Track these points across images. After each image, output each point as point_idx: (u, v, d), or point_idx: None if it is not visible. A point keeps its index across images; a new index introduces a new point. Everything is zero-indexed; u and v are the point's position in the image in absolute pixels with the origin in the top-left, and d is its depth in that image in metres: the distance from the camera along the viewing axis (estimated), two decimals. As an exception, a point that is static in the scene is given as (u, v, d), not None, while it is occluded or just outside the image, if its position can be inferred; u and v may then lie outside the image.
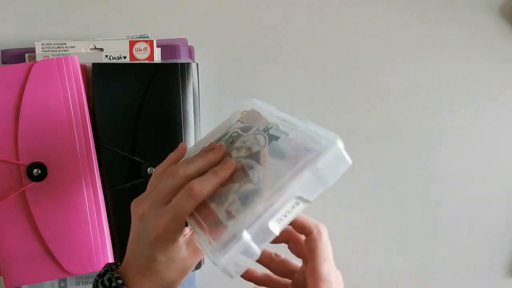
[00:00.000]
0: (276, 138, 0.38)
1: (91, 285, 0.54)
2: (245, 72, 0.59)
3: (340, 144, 0.35)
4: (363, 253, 0.59)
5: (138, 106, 0.52)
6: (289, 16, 0.59)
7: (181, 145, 0.43)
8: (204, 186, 0.37)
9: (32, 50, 0.53)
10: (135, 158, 0.52)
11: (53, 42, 0.53)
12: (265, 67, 0.59)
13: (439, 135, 0.60)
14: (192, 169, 0.39)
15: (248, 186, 0.36)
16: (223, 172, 0.38)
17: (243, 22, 0.59)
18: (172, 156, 0.42)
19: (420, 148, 0.60)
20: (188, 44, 0.56)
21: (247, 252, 0.33)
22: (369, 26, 0.60)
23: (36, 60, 0.52)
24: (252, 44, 0.59)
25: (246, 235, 0.33)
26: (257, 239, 0.33)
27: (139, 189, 0.52)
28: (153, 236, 0.38)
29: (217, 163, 0.39)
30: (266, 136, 0.40)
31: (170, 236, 0.38)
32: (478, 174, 0.60)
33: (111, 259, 0.52)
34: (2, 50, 0.54)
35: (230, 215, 0.34)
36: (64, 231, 0.50)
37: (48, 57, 0.53)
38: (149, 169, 0.51)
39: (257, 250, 0.33)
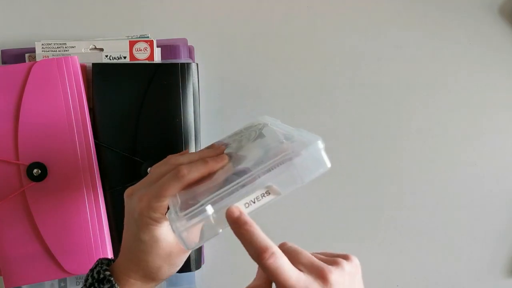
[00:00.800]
0: (264, 136, 0.41)
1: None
2: (245, 72, 0.59)
3: (320, 145, 0.35)
4: (363, 253, 0.59)
5: (138, 106, 0.52)
6: (289, 16, 0.59)
7: (185, 150, 0.44)
8: (191, 170, 0.38)
9: (32, 50, 0.53)
10: (135, 158, 0.52)
11: (53, 42, 0.53)
12: (265, 67, 0.59)
13: (439, 135, 0.60)
14: (184, 159, 0.41)
15: (229, 172, 0.37)
16: (213, 163, 0.39)
17: (243, 22, 0.59)
18: (172, 155, 0.43)
19: (420, 148, 0.60)
20: (188, 44, 0.56)
21: (206, 225, 0.35)
22: (369, 26, 0.60)
23: (36, 60, 0.52)
24: (252, 44, 0.59)
25: (210, 209, 0.34)
26: (220, 217, 0.35)
27: (139, 189, 0.52)
28: (137, 212, 0.39)
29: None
30: (257, 131, 0.42)
31: (151, 213, 0.38)
32: (478, 174, 0.60)
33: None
34: (2, 50, 0.54)
35: (203, 195, 0.36)
36: (64, 231, 0.50)
37: (48, 57, 0.53)
38: (149, 169, 0.51)
39: (217, 226, 0.35)
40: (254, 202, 0.35)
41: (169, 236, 0.40)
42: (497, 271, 0.60)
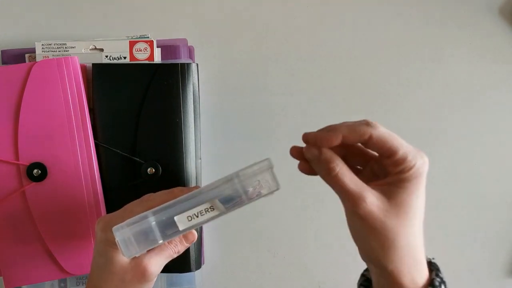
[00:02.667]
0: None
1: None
2: (245, 72, 0.59)
3: (267, 164, 0.37)
4: (363, 253, 0.59)
5: (138, 106, 0.52)
6: (289, 16, 0.59)
7: None
8: (155, 198, 0.40)
9: (32, 51, 0.53)
10: (135, 158, 0.52)
11: (53, 43, 0.53)
12: (265, 67, 0.59)
13: (439, 135, 0.60)
14: (157, 193, 0.42)
15: None
16: (178, 192, 0.40)
17: (243, 22, 0.59)
18: None
19: (420, 148, 0.60)
20: (188, 44, 0.56)
21: (147, 233, 0.36)
22: (370, 26, 0.60)
23: (36, 60, 0.52)
24: (252, 44, 0.59)
25: (151, 219, 0.36)
26: (162, 227, 0.36)
27: (139, 189, 0.52)
28: (98, 234, 0.40)
29: None
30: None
31: (108, 232, 0.38)
32: (478, 174, 0.60)
33: (111, 259, 0.52)
34: (2, 51, 0.54)
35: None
36: (64, 231, 0.50)
37: (48, 57, 0.53)
38: (149, 169, 0.51)
39: (158, 236, 0.36)
40: (197, 216, 0.36)
41: (125, 262, 0.40)
42: (497, 271, 0.60)
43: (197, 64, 0.54)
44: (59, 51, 0.53)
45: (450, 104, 0.60)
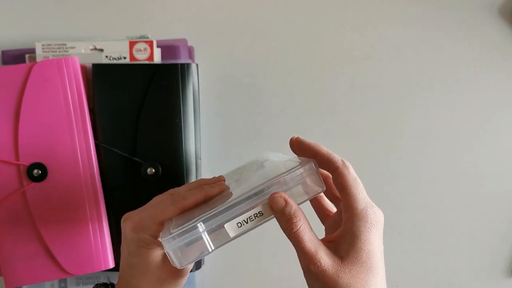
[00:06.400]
0: (264, 167, 0.42)
1: (91, 285, 0.54)
2: (245, 72, 0.59)
3: (314, 166, 0.36)
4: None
5: (138, 106, 0.52)
6: (289, 16, 0.59)
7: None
8: (186, 196, 0.38)
9: (32, 51, 0.53)
10: (135, 158, 0.52)
11: (53, 43, 0.53)
12: (265, 67, 0.59)
13: (439, 135, 0.60)
14: (183, 188, 0.41)
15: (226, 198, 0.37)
16: (208, 188, 0.39)
17: (243, 22, 0.59)
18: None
19: (420, 148, 0.60)
20: (188, 44, 0.56)
21: (197, 242, 0.35)
22: (369, 26, 0.60)
23: (36, 60, 0.52)
24: (252, 44, 0.59)
25: (201, 227, 0.34)
26: (212, 236, 0.35)
27: (139, 189, 0.52)
28: (128, 233, 0.39)
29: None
30: (259, 164, 0.43)
31: (140, 232, 0.38)
32: (478, 174, 0.60)
33: (111, 260, 0.52)
34: (2, 51, 0.54)
35: (196, 215, 0.36)
36: (64, 231, 0.50)
37: (48, 57, 0.53)
38: (149, 169, 0.51)
39: (208, 244, 0.35)
40: (247, 222, 0.36)
41: (159, 260, 0.39)
42: (497, 271, 0.60)
43: (197, 64, 0.54)
44: (59, 52, 0.53)
45: (449, 104, 0.60)
